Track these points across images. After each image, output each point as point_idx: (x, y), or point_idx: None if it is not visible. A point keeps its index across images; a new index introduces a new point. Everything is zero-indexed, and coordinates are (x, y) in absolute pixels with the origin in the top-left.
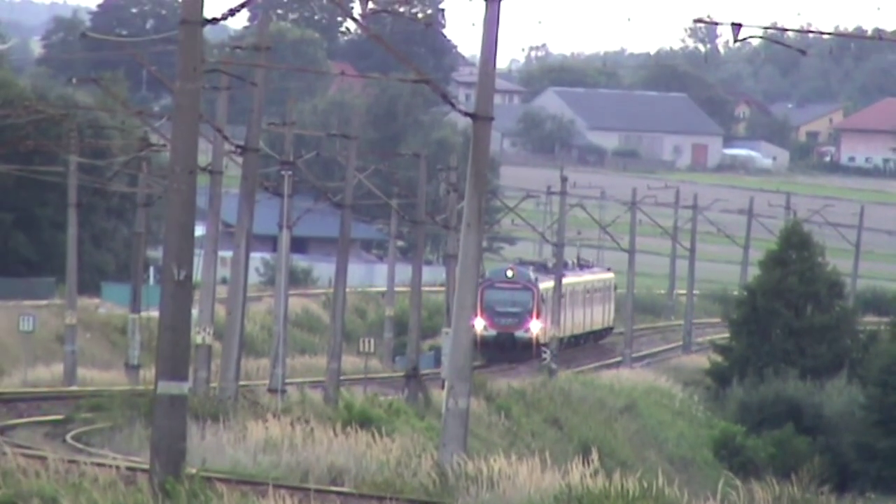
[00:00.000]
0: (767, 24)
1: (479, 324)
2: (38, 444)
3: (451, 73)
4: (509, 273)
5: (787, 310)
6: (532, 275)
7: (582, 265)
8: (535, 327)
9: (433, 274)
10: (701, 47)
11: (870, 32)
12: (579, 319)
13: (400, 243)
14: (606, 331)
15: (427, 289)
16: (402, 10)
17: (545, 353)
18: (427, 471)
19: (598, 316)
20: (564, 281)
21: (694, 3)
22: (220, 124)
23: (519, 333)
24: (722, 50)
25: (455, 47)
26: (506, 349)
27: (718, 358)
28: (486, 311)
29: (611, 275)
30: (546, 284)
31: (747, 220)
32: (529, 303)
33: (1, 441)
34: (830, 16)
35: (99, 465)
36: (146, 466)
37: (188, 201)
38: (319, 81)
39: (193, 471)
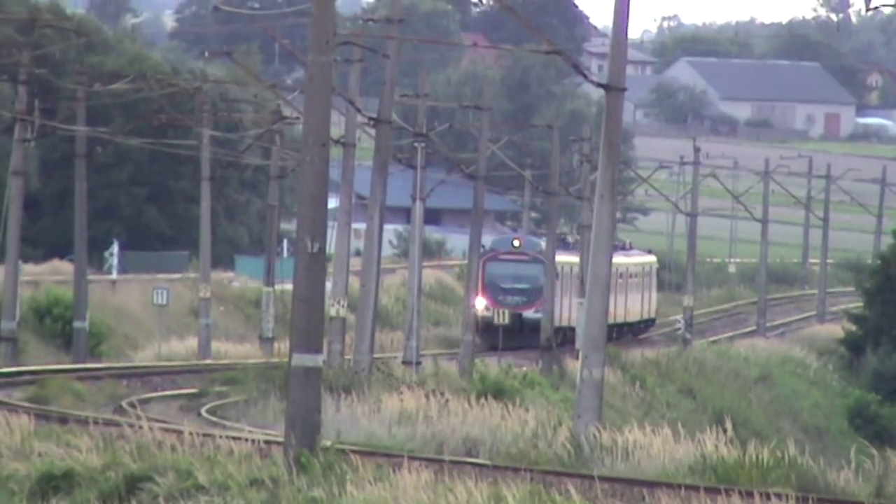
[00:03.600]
0: None
1: (480, 303)
2: (172, 417)
3: (583, 44)
4: (516, 243)
5: None
6: (543, 245)
7: (616, 245)
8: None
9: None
10: (833, 16)
11: None
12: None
13: (534, 214)
14: (647, 323)
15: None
16: None
17: (679, 322)
18: (562, 442)
19: (635, 305)
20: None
21: None
22: (353, 96)
23: (528, 314)
24: (854, 19)
25: (587, 18)
26: (512, 333)
27: (852, 327)
28: (489, 287)
29: (652, 258)
30: (563, 258)
31: (880, 189)
32: (540, 278)
33: (136, 414)
34: None
35: (234, 438)
36: (281, 439)
37: (321, 173)
38: (452, 53)
39: (328, 443)
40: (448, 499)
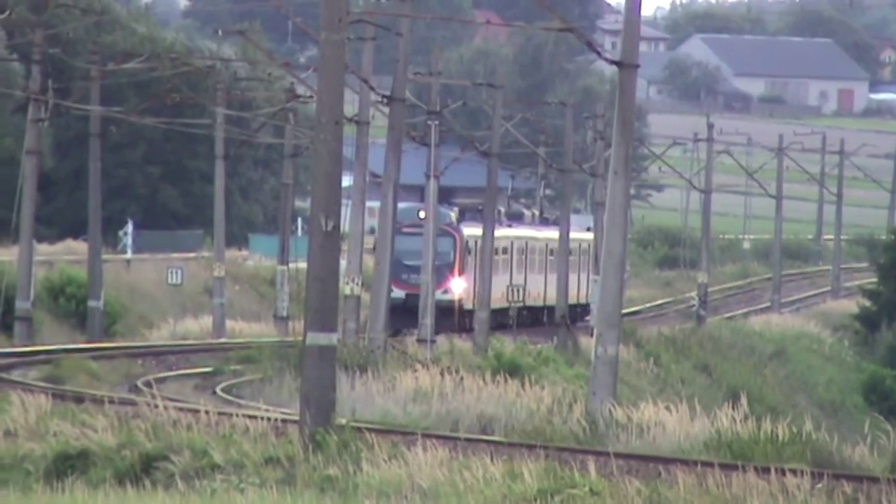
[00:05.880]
0: None
1: None
2: (187, 396)
3: (596, 21)
4: (421, 214)
5: None
6: (453, 217)
7: (547, 220)
8: (458, 287)
9: (581, 222)
10: None
11: None
12: (537, 288)
13: (548, 192)
14: (581, 309)
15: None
16: None
17: (694, 299)
18: (577, 419)
19: (570, 288)
20: (511, 233)
21: None
22: (366, 75)
23: (435, 295)
24: None
25: None
26: (416, 315)
27: (867, 302)
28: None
29: (588, 236)
30: (474, 231)
31: (894, 165)
32: (449, 254)
33: (152, 393)
34: None
35: (249, 416)
36: (296, 418)
37: (335, 152)
38: (465, 31)
39: (343, 421)
40: (463, 476)
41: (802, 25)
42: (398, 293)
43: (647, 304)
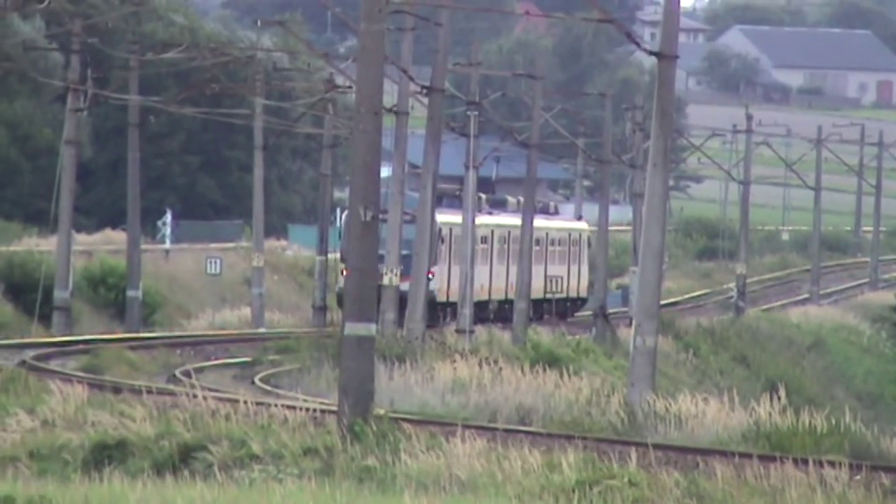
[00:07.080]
0: None
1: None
2: (226, 386)
3: (635, 12)
4: None
5: None
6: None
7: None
8: (434, 279)
9: (620, 213)
10: None
11: None
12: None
13: (586, 182)
14: (574, 303)
15: (614, 228)
16: None
17: (733, 290)
18: (616, 410)
19: (560, 280)
20: (491, 220)
21: None
22: (406, 65)
23: (403, 287)
24: None
25: None
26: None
27: None
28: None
29: (582, 225)
30: (450, 218)
31: None
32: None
33: (190, 383)
34: None
35: (288, 406)
36: (335, 408)
37: (374, 142)
38: (504, 21)
39: (382, 412)
40: (502, 466)
41: (841, 17)
42: None
43: (686, 296)
